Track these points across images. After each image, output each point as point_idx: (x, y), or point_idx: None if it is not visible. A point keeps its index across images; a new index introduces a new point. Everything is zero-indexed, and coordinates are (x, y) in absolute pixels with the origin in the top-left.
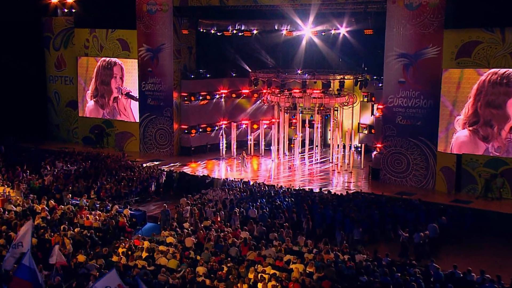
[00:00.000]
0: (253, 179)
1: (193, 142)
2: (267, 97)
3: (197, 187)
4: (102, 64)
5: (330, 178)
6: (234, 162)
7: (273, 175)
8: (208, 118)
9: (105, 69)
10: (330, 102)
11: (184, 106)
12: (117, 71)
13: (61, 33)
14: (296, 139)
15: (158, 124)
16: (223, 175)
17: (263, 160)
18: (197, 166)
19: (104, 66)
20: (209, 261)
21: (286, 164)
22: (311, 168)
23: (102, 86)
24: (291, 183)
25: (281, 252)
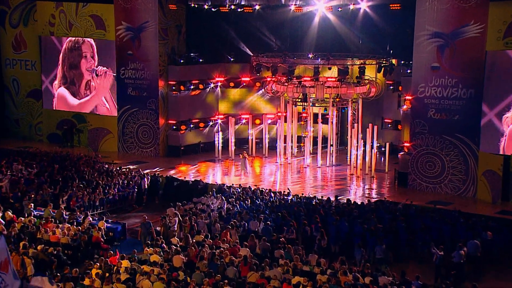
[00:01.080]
0: (255, 185)
1: (183, 140)
2: (272, 87)
3: (188, 195)
4: (68, 46)
5: (348, 184)
6: (232, 165)
7: (279, 180)
8: (201, 112)
9: (72, 51)
10: (348, 92)
11: (172, 97)
12: (86, 49)
13: (20, 6)
14: (307, 137)
15: (140, 118)
16: (219, 180)
17: (267, 162)
18: (188, 170)
19: (70, 47)
20: (202, 284)
21: (295, 167)
22: (325, 171)
23: (71, 71)
24: (301, 189)
25: (289, 273)
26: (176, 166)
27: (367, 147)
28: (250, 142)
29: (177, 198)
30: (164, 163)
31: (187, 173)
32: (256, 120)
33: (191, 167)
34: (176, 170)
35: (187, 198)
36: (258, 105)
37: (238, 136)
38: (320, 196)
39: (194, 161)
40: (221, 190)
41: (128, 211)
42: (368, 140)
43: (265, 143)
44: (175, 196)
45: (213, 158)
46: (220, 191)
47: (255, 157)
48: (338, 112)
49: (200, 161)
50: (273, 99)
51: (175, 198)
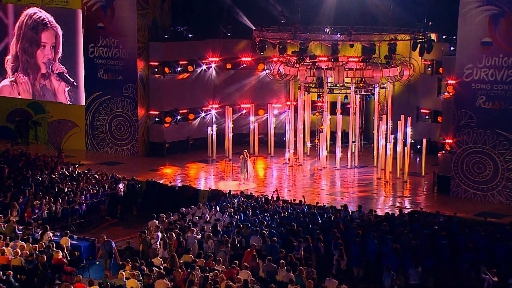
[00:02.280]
0: (258, 192)
1: (168, 136)
2: (279, 69)
3: (174, 204)
4: (26, 21)
5: (374, 190)
6: (230, 166)
7: (288, 185)
8: (191, 100)
9: (31, 31)
10: (375, 75)
11: (155, 82)
12: (47, 39)
13: None
14: (323, 131)
15: (114, 108)
16: (213, 185)
17: (273, 163)
18: (174, 172)
19: (30, 25)
20: None
21: (308, 170)
22: (345, 175)
23: (25, 56)
24: (316, 197)
25: None
26: (160, 168)
27: (398, 145)
28: (251, 138)
29: (160, 208)
30: (144, 164)
31: (173, 177)
32: (260, 110)
33: (178, 170)
34: (160, 173)
35: (173, 208)
36: (262, 92)
37: (237, 131)
38: (340, 206)
39: (182, 161)
40: (216, 198)
41: (98, 224)
42: (400, 135)
43: (271, 139)
44: (157, 205)
45: (205, 158)
46: (214, 199)
47: (258, 156)
48: (362, 100)
49: (190, 161)
50: (281, 85)
51: (158, 208)
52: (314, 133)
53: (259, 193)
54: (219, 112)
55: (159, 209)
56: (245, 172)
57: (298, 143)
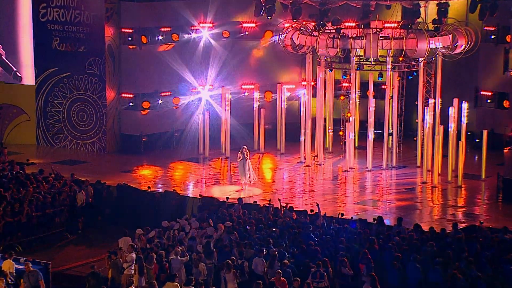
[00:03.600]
0: (264, 199)
1: (146, 126)
2: (293, 38)
3: (154, 216)
4: None
5: (418, 198)
6: (227, 166)
7: (304, 191)
8: (176, 79)
9: None
10: (419, 46)
11: (128, 55)
12: None
13: None
14: (350, 120)
15: (74, 89)
16: (205, 191)
17: (283, 163)
18: (155, 174)
19: None
20: None
21: (330, 171)
22: (379, 178)
23: None
24: (340, 207)
25: None
26: (135, 169)
27: (450, 138)
28: (255, 129)
29: (135, 221)
30: (115, 164)
31: (153, 181)
32: (267, 93)
33: (160, 171)
34: (135, 176)
35: (153, 221)
36: (270, 68)
37: (237, 120)
38: (372, 219)
39: (164, 160)
40: (209, 208)
41: (53, 243)
42: (452, 126)
43: (281, 131)
44: (132, 218)
45: (195, 156)
46: (207, 209)
47: (264, 154)
48: (401, 79)
49: (175, 160)
50: (294, 59)
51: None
52: (338, 122)
53: (266, 202)
54: (213, 95)
55: (134, 223)
56: (247, 175)
57: (317, 136)
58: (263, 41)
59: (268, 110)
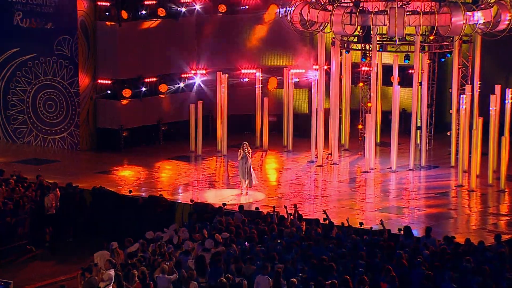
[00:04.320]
0: (267, 205)
1: (128, 118)
2: (302, 13)
3: (136, 226)
4: None
5: (452, 204)
6: (223, 166)
7: (316, 196)
8: (163, 62)
9: None
10: (454, 22)
11: (106, 33)
12: None
13: None
14: (370, 111)
15: (41, 74)
16: (198, 196)
17: (290, 161)
18: (137, 176)
19: None
20: None
21: (347, 171)
22: (405, 180)
23: None
24: (358, 215)
25: None
26: (114, 170)
27: (491, 133)
28: (257, 121)
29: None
30: (90, 164)
31: (136, 183)
32: (271, 79)
33: (143, 171)
34: (114, 177)
35: (135, 231)
36: (275, 49)
37: (236, 111)
38: (397, 230)
39: (149, 159)
40: (203, 217)
41: (15, 258)
42: (494, 118)
43: (288, 124)
44: (109, 227)
45: (186, 154)
46: (199, 218)
47: (267, 151)
48: (432, 63)
49: (161, 159)
50: (304, 39)
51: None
52: (356, 114)
53: (270, 209)
54: (207, 81)
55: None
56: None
57: (331, 129)
58: (266, 17)
59: (273, 99)
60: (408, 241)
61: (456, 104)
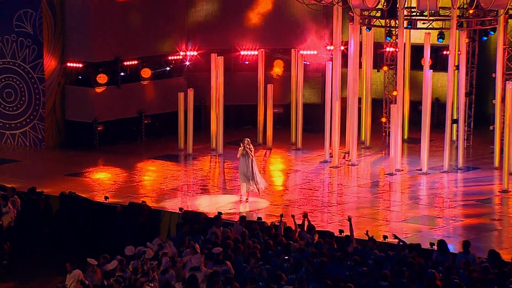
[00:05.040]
0: (272, 214)
1: (103, 109)
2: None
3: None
4: None
5: (495, 213)
6: (219, 167)
7: (328, 202)
8: (146, 42)
9: None
10: None
11: (75, 8)
12: None
13: None
14: (395, 101)
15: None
16: (189, 203)
17: (299, 162)
18: (114, 178)
19: None
20: None
21: (367, 174)
22: (438, 184)
23: None
24: (382, 226)
25: None
26: (86, 171)
27: None
28: (260, 113)
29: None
30: (57, 164)
31: (113, 188)
32: (276, 62)
33: (122, 173)
34: (86, 180)
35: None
36: (281, 27)
37: (234, 100)
38: (429, 244)
39: (128, 158)
40: (193, 228)
41: None
42: None
43: (297, 117)
44: (82, 241)
45: (173, 153)
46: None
47: (272, 149)
48: (471, 42)
49: (144, 158)
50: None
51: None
52: (379, 104)
53: (275, 219)
54: (198, 64)
55: (85, 249)
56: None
57: (348, 123)
58: None
59: (278, 86)
60: (442, 258)
61: (500, 92)
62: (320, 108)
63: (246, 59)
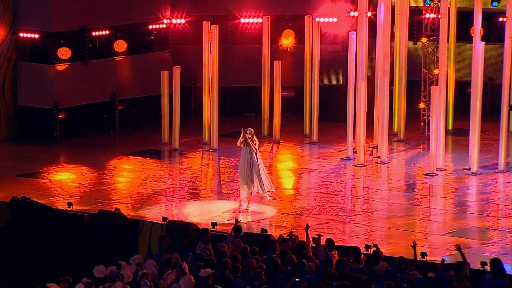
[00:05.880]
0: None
1: (65, 92)
2: None
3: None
4: None
5: None
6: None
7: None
8: (118, 7)
9: None
10: None
11: None
12: None
13: None
14: (436, 81)
15: None
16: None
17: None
18: (81, 181)
19: None
20: None
21: (401, 174)
22: (491, 187)
23: None
24: (420, 240)
25: None
26: (44, 171)
27: None
28: (265, 97)
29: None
30: (6, 161)
31: (78, 192)
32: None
33: (90, 174)
34: (44, 183)
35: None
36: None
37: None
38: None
39: (99, 154)
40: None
41: None
42: None
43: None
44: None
45: (155, 148)
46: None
47: (280, 143)
48: None
49: (119, 154)
50: None
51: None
52: (416, 86)
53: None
54: (186, 34)
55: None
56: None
57: (377, 110)
58: None
59: (288, 63)
60: (497, 281)
61: None
62: (341, 91)
63: (247, 28)
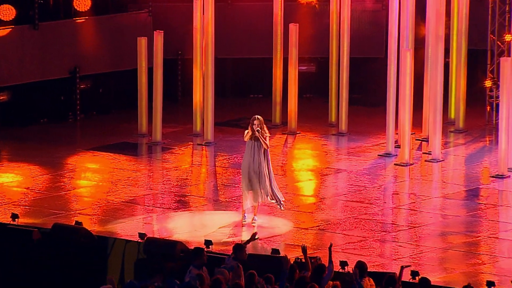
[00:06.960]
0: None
1: (8, 66)
2: None
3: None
4: None
5: None
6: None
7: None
8: None
9: None
10: None
11: None
12: None
13: None
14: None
15: None
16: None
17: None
18: (27, 185)
19: None
20: None
21: (459, 176)
22: None
23: None
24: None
25: None
26: None
27: None
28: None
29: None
30: None
31: (25, 201)
32: None
33: (41, 175)
34: None
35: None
36: None
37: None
38: None
39: (54, 148)
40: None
41: None
42: None
43: (340, 80)
44: None
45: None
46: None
47: (297, 134)
48: None
49: (81, 148)
50: None
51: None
52: (479, 57)
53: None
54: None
55: None
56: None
57: (426, 90)
58: None
59: (308, 27)
60: None
61: None
62: (379, 65)
63: None
